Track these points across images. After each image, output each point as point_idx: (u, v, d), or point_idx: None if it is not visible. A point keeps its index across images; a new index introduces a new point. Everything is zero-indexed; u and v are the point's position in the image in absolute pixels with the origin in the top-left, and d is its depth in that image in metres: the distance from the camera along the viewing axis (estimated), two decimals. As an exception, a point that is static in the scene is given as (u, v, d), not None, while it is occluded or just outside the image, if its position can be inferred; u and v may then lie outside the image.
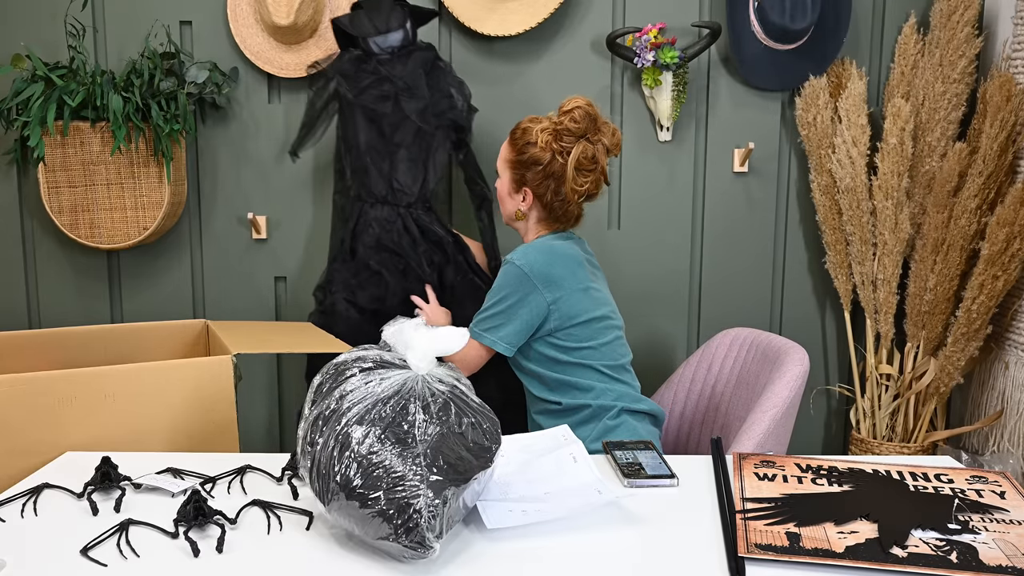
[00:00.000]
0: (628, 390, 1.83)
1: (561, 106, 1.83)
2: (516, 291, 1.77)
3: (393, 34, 2.08)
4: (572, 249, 1.84)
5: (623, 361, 1.86)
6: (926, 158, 2.23)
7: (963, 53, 2.18)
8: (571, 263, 1.80)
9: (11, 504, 1.21)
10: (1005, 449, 2.17)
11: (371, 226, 2.10)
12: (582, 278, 1.81)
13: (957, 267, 2.16)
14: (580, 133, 1.79)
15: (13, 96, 2.14)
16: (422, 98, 2.08)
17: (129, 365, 1.58)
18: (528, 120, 1.86)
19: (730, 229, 2.42)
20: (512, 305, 1.77)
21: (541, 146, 1.79)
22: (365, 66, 2.10)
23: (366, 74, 2.09)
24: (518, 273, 1.77)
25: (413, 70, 2.09)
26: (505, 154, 1.88)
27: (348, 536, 1.10)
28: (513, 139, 1.86)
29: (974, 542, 1.04)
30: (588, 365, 1.79)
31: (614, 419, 1.76)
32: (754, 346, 1.88)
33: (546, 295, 1.76)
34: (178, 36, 2.33)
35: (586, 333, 1.79)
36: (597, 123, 1.82)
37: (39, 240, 2.42)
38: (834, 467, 1.28)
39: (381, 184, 2.10)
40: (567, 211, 1.85)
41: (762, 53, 2.29)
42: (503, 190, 1.90)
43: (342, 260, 2.14)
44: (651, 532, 1.11)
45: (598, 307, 1.82)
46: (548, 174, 1.80)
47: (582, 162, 1.79)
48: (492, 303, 1.80)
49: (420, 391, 1.09)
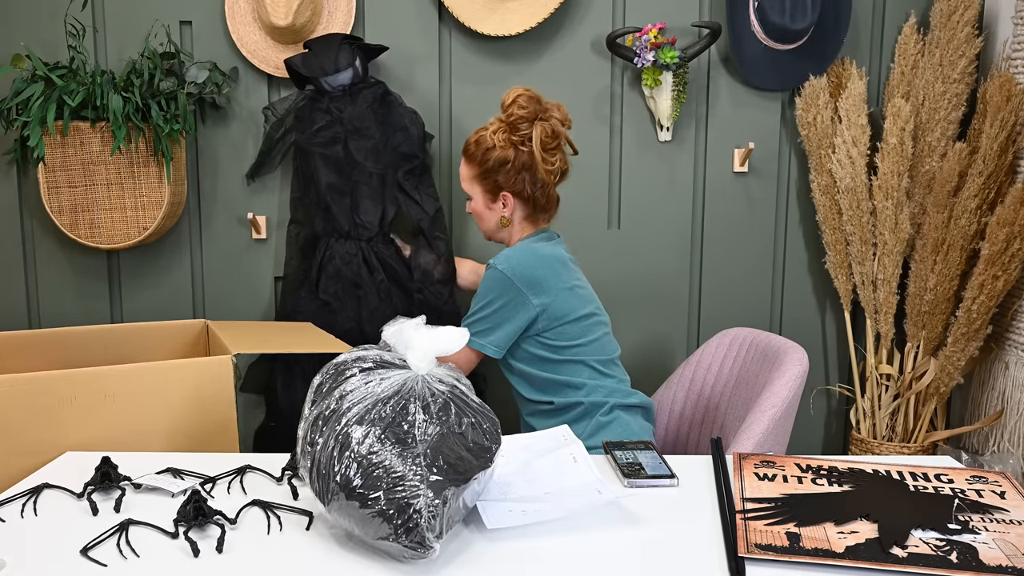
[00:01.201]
0: (618, 384, 1.84)
1: (502, 103, 1.84)
2: (501, 295, 1.77)
3: (343, 73, 2.15)
4: (554, 249, 1.85)
5: (613, 356, 1.87)
6: (926, 158, 2.23)
7: (963, 53, 2.18)
8: (554, 263, 1.81)
9: (11, 504, 1.21)
10: (1005, 449, 2.17)
11: (334, 259, 2.19)
12: (566, 277, 1.81)
13: (957, 267, 2.16)
14: (532, 116, 1.81)
15: (13, 96, 2.14)
16: (371, 138, 2.16)
17: (129, 365, 1.58)
18: (474, 133, 1.88)
19: (730, 229, 2.42)
20: (498, 310, 1.78)
21: (501, 145, 1.81)
22: (319, 104, 2.18)
23: (320, 112, 2.18)
24: (501, 278, 1.77)
25: (362, 111, 2.16)
26: (467, 172, 1.89)
27: (348, 536, 1.10)
28: (469, 155, 1.87)
29: (974, 542, 1.04)
30: (579, 361, 1.80)
31: (606, 415, 1.77)
32: (754, 346, 1.88)
33: (532, 298, 1.76)
34: (178, 36, 2.33)
35: (575, 331, 1.80)
36: (542, 103, 1.83)
37: (39, 240, 2.42)
38: (834, 467, 1.28)
39: (344, 220, 2.19)
40: (549, 196, 1.87)
41: (762, 53, 2.29)
42: (480, 207, 1.90)
43: (308, 291, 2.23)
44: (651, 532, 1.11)
45: (585, 305, 1.83)
46: (519, 167, 1.82)
47: (545, 141, 1.81)
48: (478, 308, 1.81)
49: (420, 391, 1.09)
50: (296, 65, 2.17)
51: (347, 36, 2.21)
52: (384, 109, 2.20)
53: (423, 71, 2.36)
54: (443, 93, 2.37)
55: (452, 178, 2.40)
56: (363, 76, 2.19)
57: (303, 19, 2.20)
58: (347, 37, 2.20)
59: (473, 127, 2.35)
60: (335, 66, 2.14)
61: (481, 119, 2.32)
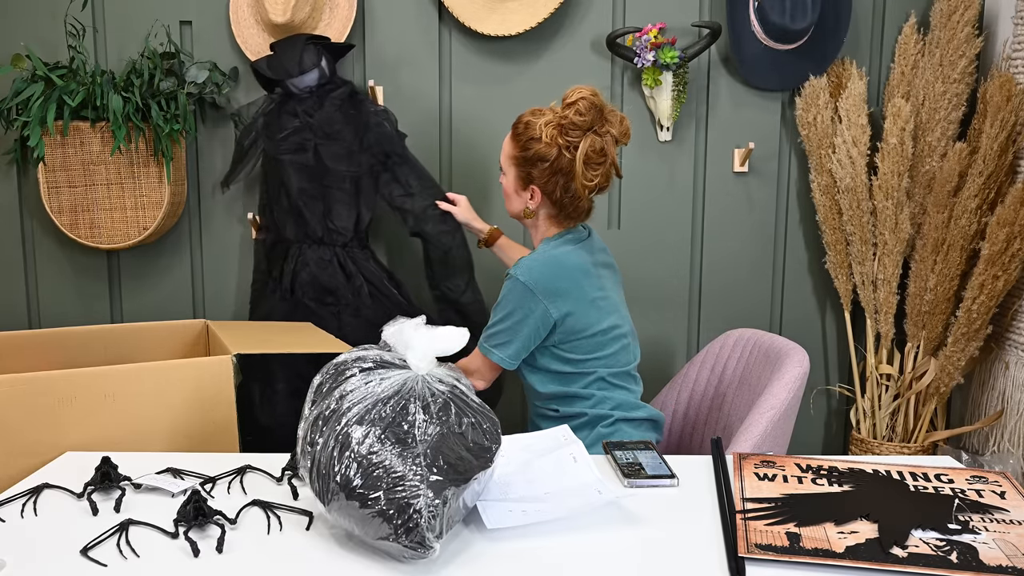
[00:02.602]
0: (628, 397, 1.77)
1: (564, 97, 1.71)
2: (521, 307, 1.70)
3: (308, 74, 2.11)
4: (578, 257, 1.75)
5: (628, 367, 1.80)
6: (926, 158, 2.23)
7: (963, 53, 2.18)
8: (576, 274, 1.72)
9: (11, 504, 1.21)
10: (1005, 449, 2.17)
11: (308, 265, 2.17)
12: (588, 289, 1.73)
13: (957, 267, 2.16)
14: (587, 126, 1.68)
15: (13, 96, 2.14)
16: (343, 140, 2.11)
17: (129, 365, 1.58)
18: (530, 113, 1.74)
19: (730, 229, 2.42)
20: (518, 322, 1.70)
21: (547, 141, 1.69)
22: (286, 108, 2.14)
23: (288, 116, 2.13)
24: (521, 288, 1.69)
25: (331, 113, 2.12)
26: (508, 150, 1.78)
27: (348, 536, 1.10)
28: (516, 134, 1.76)
29: (974, 542, 1.04)
30: (591, 373, 1.74)
31: (608, 427, 1.73)
32: (758, 347, 1.88)
33: (551, 310, 1.69)
34: (178, 36, 2.33)
35: (590, 345, 1.73)
36: (603, 113, 1.70)
37: (39, 240, 2.42)
38: (834, 467, 1.28)
39: (317, 226, 2.16)
40: (578, 207, 1.75)
41: (762, 53, 2.29)
42: (509, 187, 1.81)
43: (280, 298, 2.20)
44: (651, 532, 1.11)
45: (605, 317, 1.75)
46: (556, 170, 1.70)
47: (591, 156, 1.69)
48: (498, 319, 1.73)
49: (420, 391, 1.09)
50: (262, 68, 2.14)
51: (312, 36, 2.17)
52: (354, 109, 2.15)
53: (423, 71, 2.36)
54: (443, 93, 2.37)
55: (452, 177, 2.40)
56: (330, 76, 2.15)
57: (302, 15, 2.19)
58: (312, 37, 2.16)
59: (473, 127, 2.36)
60: (299, 67, 2.10)
61: (481, 119, 2.32)
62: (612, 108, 1.73)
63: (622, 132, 1.73)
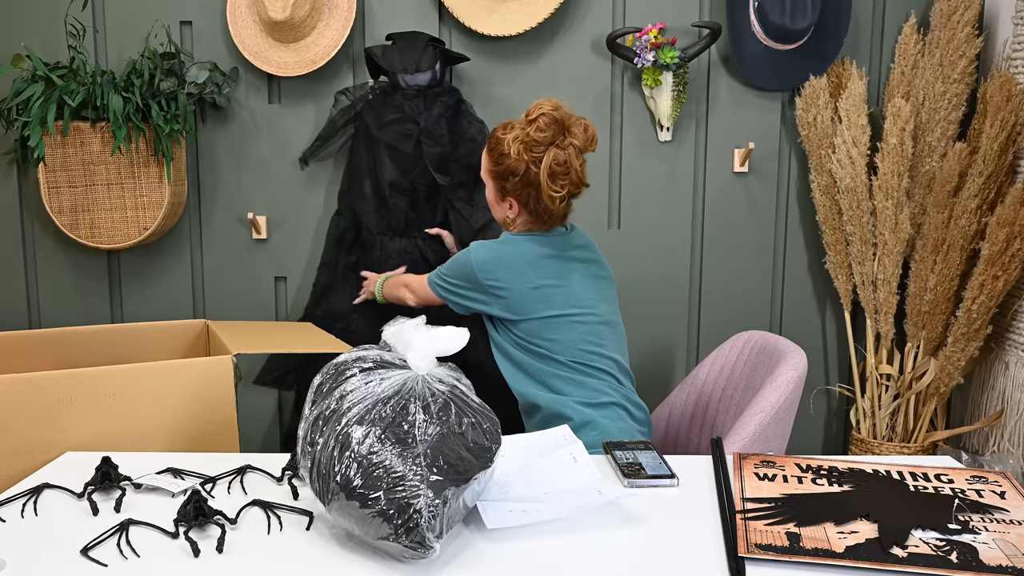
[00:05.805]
0: (590, 394, 1.78)
1: (527, 113, 1.77)
2: (464, 278, 1.82)
3: (422, 74, 2.15)
4: (527, 247, 1.79)
5: (593, 360, 1.80)
6: (926, 158, 2.23)
7: (963, 53, 2.18)
8: (519, 263, 1.78)
9: (11, 504, 1.21)
10: (1005, 449, 2.17)
11: (391, 257, 2.22)
12: (531, 277, 1.77)
13: (957, 267, 2.16)
14: (548, 141, 1.75)
15: (13, 96, 2.14)
16: (443, 145, 2.16)
17: (129, 365, 1.58)
18: (500, 128, 1.82)
19: (730, 229, 2.42)
20: (459, 287, 1.84)
21: (515, 157, 1.76)
22: (390, 99, 2.17)
23: (391, 108, 2.17)
24: (467, 263, 1.80)
25: (438, 116, 2.17)
26: (485, 164, 1.86)
27: (348, 536, 1.10)
28: (489, 149, 1.84)
29: (974, 542, 1.04)
30: (549, 357, 1.79)
31: (570, 413, 1.76)
32: (762, 349, 1.88)
33: (489, 291, 1.79)
34: (178, 36, 2.33)
35: (538, 327, 1.78)
36: (565, 126, 1.76)
37: (39, 240, 2.42)
38: (834, 467, 1.28)
39: (400, 218, 2.22)
40: (552, 214, 1.82)
41: (762, 53, 2.29)
42: (491, 198, 1.89)
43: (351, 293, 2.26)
44: (651, 532, 1.11)
45: (551, 307, 1.78)
46: (526, 183, 1.77)
47: (555, 169, 1.75)
48: (448, 274, 1.86)
49: (420, 391, 1.09)
50: (376, 56, 2.17)
51: (432, 38, 2.21)
52: (458, 116, 2.20)
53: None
54: (443, 93, 2.37)
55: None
56: (440, 80, 2.19)
57: (301, 13, 2.19)
58: (432, 39, 2.21)
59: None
60: (417, 66, 2.14)
61: (482, 120, 2.32)
62: (577, 118, 1.79)
63: (587, 141, 1.78)
